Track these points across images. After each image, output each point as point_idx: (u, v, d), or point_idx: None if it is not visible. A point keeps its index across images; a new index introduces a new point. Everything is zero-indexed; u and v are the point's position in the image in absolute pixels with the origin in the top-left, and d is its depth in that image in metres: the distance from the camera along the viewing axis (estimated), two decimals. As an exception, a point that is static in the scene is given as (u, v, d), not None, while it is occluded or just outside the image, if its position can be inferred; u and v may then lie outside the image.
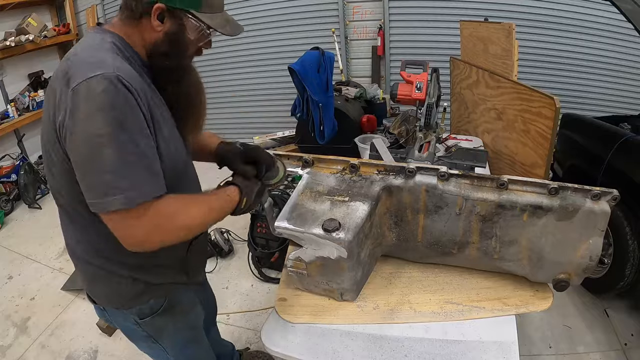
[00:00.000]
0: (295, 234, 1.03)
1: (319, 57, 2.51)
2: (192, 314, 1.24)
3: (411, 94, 1.74)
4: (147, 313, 1.08)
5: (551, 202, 0.99)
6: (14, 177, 3.72)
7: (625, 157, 2.02)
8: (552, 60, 3.55)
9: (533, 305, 1.08)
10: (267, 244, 2.46)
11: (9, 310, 2.48)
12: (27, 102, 4.07)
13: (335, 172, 1.17)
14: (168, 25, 0.89)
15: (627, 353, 1.87)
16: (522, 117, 1.73)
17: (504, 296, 1.11)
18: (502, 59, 2.10)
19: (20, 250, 3.05)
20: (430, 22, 3.71)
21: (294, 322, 1.08)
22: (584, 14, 3.38)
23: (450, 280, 1.18)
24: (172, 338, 1.21)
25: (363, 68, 4.08)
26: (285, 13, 4.00)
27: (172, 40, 0.90)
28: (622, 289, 2.00)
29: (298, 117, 2.69)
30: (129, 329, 1.15)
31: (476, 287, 1.15)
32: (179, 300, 1.16)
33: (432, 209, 1.09)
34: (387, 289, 1.16)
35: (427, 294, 1.14)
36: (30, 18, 4.05)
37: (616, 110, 3.45)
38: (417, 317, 1.07)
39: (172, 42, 0.90)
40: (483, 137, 2.20)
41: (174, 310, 1.14)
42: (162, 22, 0.88)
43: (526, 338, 1.95)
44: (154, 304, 1.08)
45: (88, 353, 2.13)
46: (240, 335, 2.15)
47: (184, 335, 1.24)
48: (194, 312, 1.26)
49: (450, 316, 1.06)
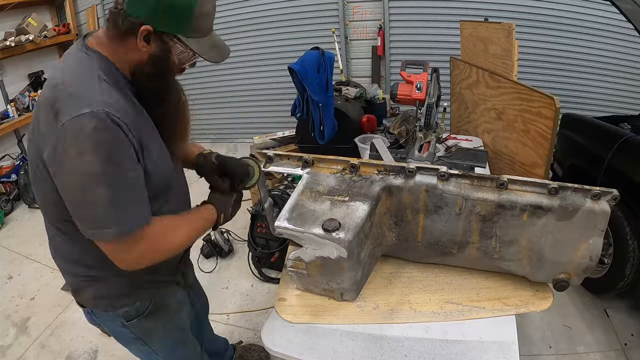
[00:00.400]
0: (295, 234, 1.03)
1: (319, 57, 2.51)
2: (180, 315, 1.24)
3: (411, 94, 1.74)
4: (134, 315, 1.09)
5: (551, 202, 0.99)
6: (14, 177, 3.72)
7: (625, 157, 2.02)
8: (552, 60, 3.56)
9: (533, 305, 1.08)
10: (267, 244, 2.46)
11: (9, 310, 2.48)
12: (27, 102, 4.07)
13: (335, 172, 1.17)
14: (153, 47, 0.87)
15: (627, 353, 1.87)
16: (522, 117, 1.73)
17: (504, 296, 1.11)
18: (502, 59, 2.11)
19: (20, 250, 3.05)
20: (430, 22, 3.71)
21: (294, 322, 1.08)
22: (584, 14, 3.39)
23: (450, 280, 1.18)
24: (162, 340, 1.21)
25: (363, 68, 4.08)
26: (285, 13, 4.00)
27: (156, 62, 0.89)
28: (622, 289, 2.00)
29: (298, 117, 2.69)
30: (117, 331, 1.16)
31: (476, 287, 1.15)
32: (166, 302, 1.16)
33: (432, 209, 1.09)
34: (387, 289, 1.16)
35: (427, 294, 1.14)
36: (30, 18, 4.05)
37: (616, 110, 3.45)
38: (417, 317, 1.07)
39: (156, 64, 0.89)
40: (483, 137, 2.20)
41: (161, 312, 1.15)
42: (147, 43, 0.86)
43: (526, 338, 1.95)
44: (140, 306, 1.09)
45: (88, 353, 2.13)
46: (240, 335, 2.14)
47: (174, 337, 1.24)
48: (182, 313, 1.26)
49: (450, 316, 1.06)
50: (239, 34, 4.18)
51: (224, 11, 4.14)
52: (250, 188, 1.21)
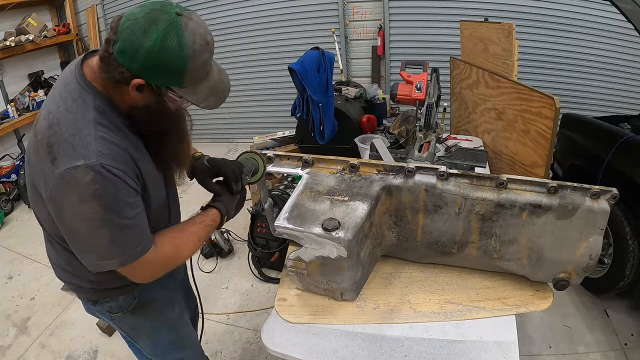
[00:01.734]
0: (295, 233, 1.03)
1: (319, 57, 2.51)
2: (168, 314, 1.22)
3: (411, 94, 1.75)
4: (116, 310, 1.10)
5: (550, 200, 0.99)
6: (14, 177, 3.72)
7: (625, 157, 2.02)
8: (552, 60, 3.56)
9: (533, 305, 1.08)
10: (267, 244, 2.46)
11: (9, 310, 2.48)
12: (27, 102, 4.07)
13: (334, 172, 1.17)
14: (147, 98, 0.85)
15: (627, 353, 1.87)
16: (522, 117, 1.72)
17: (504, 296, 1.11)
18: (502, 59, 2.11)
19: (20, 250, 3.05)
20: (430, 22, 3.71)
21: (294, 322, 1.08)
22: (584, 14, 3.39)
23: (450, 280, 1.18)
24: (151, 340, 1.21)
25: (363, 68, 4.08)
26: (285, 13, 4.00)
27: (150, 110, 0.87)
28: (622, 289, 2.00)
29: (298, 117, 2.69)
30: (111, 324, 1.18)
31: (476, 287, 1.15)
32: (152, 299, 1.14)
33: (431, 208, 1.09)
34: (387, 289, 1.16)
35: (427, 294, 1.14)
36: (30, 18, 4.05)
37: (616, 110, 3.45)
38: (417, 317, 1.07)
39: (151, 112, 0.88)
40: (483, 137, 2.20)
41: (147, 309, 1.14)
42: (140, 93, 0.83)
43: (526, 338, 1.95)
44: (123, 301, 1.09)
45: (88, 353, 2.14)
46: (240, 335, 2.15)
47: (165, 338, 1.23)
48: (172, 312, 1.23)
49: (450, 316, 1.06)
50: (239, 34, 4.19)
51: (224, 11, 4.15)
52: (256, 182, 1.20)
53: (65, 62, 4.83)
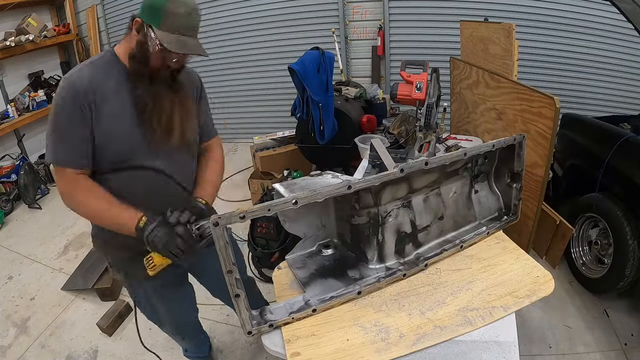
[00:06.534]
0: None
1: (319, 57, 2.51)
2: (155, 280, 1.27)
3: (411, 94, 1.75)
4: None
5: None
6: (14, 177, 3.72)
7: (625, 157, 2.02)
8: (552, 60, 3.56)
9: (540, 291, 1.09)
10: (267, 244, 2.46)
11: (9, 310, 2.48)
12: (27, 102, 4.07)
13: None
14: (140, 36, 1.13)
15: (627, 353, 1.87)
16: (522, 117, 1.72)
17: (512, 290, 1.10)
18: (502, 59, 2.10)
19: (20, 250, 3.05)
20: (430, 22, 3.71)
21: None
22: (584, 14, 3.39)
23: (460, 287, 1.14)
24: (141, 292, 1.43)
25: (363, 68, 4.08)
26: (285, 13, 4.00)
27: (139, 46, 1.13)
28: (622, 289, 2.00)
29: (298, 117, 2.69)
30: None
31: (483, 288, 1.13)
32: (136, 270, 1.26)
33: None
34: (402, 311, 1.08)
35: (442, 307, 1.08)
36: (30, 18, 4.05)
37: (616, 110, 3.46)
38: (446, 334, 0.99)
39: (139, 48, 1.13)
40: (483, 137, 2.19)
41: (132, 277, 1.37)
42: (137, 33, 1.13)
43: (526, 338, 1.95)
44: None
45: (88, 353, 2.14)
46: (240, 335, 2.15)
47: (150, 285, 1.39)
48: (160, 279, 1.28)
49: (476, 323, 1.01)
50: (239, 34, 4.19)
51: (225, 11, 4.14)
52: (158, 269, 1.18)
53: (66, 62, 4.83)
